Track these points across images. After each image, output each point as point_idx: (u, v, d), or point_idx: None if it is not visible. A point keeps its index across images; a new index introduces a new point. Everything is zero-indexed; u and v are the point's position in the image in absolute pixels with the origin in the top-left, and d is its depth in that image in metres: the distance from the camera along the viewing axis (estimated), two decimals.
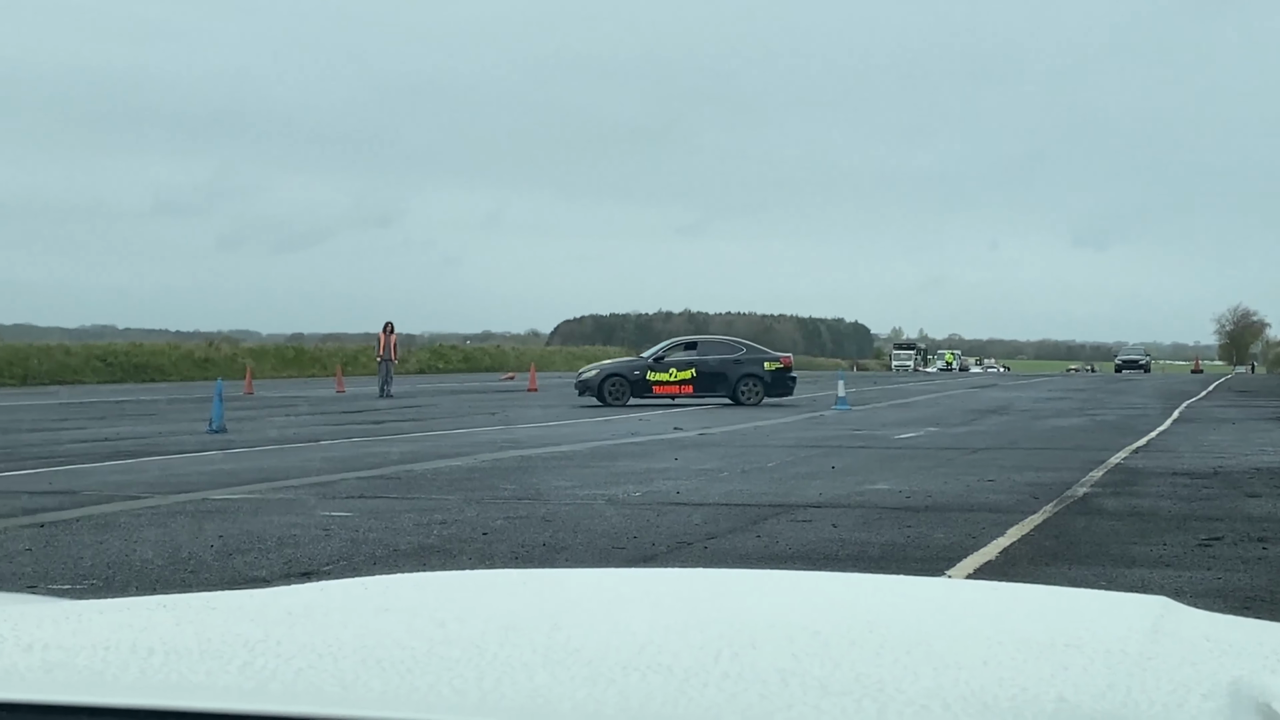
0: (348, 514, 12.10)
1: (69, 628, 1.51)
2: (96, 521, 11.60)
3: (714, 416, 28.80)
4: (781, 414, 30.04)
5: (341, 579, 2.03)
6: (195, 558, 9.80)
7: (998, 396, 42.55)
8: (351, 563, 9.58)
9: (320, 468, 16.56)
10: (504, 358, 76.16)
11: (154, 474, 15.85)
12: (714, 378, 33.44)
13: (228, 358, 59.74)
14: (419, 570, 6.52)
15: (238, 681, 1.23)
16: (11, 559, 9.72)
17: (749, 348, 34.67)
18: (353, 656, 1.31)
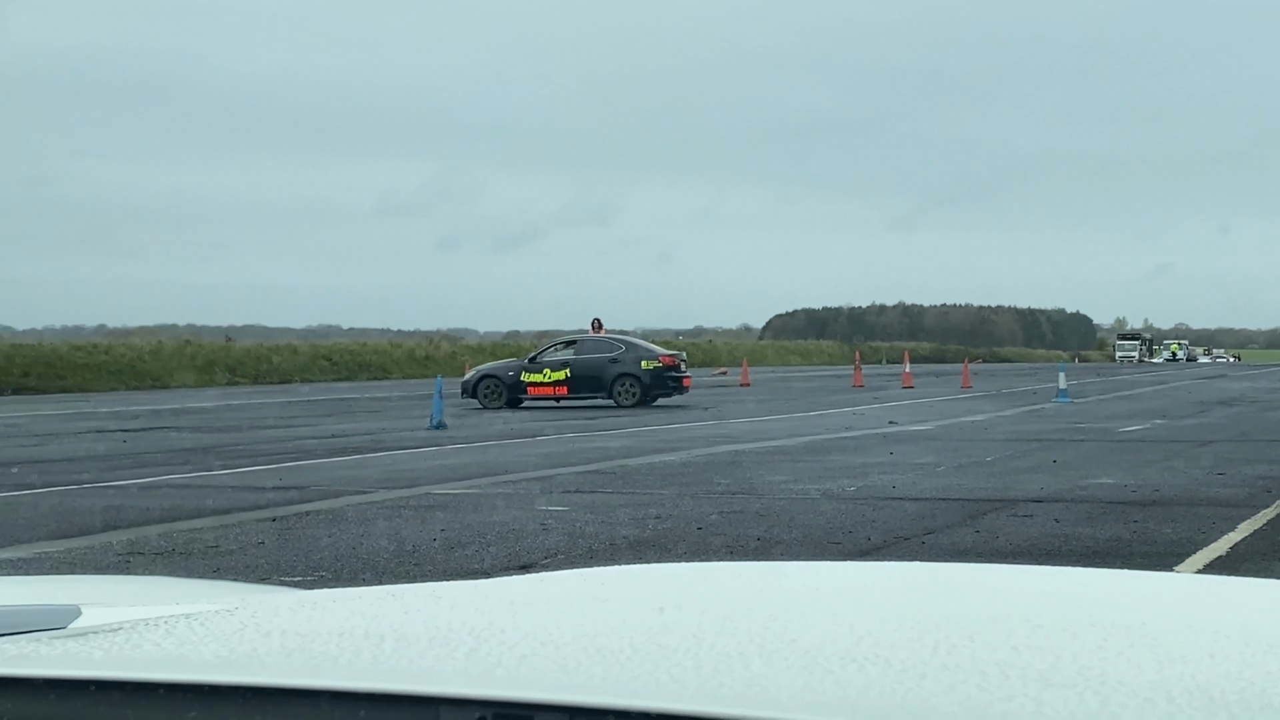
0: (565, 508, 12.28)
1: (305, 615, 1.57)
2: (326, 515, 11.98)
3: (929, 410, 28.43)
4: (999, 406, 29.50)
5: (560, 571, 2.07)
6: (420, 550, 10.06)
7: (1228, 388, 41.15)
8: (569, 556, 9.72)
9: (538, 463, 16.83)
10: (716, 353, 76.29)
11: (379, 469, 16.30)
12: (589, 378, 31.57)
13: (447, 355, 61.06)
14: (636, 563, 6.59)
15: (464, 667, 1.27)
16: (246, 551, 10.10)
17: (629, 346, 32.60)
18: (574, 644, 1.34)
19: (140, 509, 12.70)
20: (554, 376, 31.44)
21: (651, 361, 31.99)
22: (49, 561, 9.84)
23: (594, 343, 32.64)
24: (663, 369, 31.93)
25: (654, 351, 32.75)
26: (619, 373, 31.65)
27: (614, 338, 33.62)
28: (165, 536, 10.88)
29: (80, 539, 10.83)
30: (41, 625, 1.53)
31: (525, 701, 1.14)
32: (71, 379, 45.34)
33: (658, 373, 31.84)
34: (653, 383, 31.75)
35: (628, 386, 31.55)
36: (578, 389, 31.45)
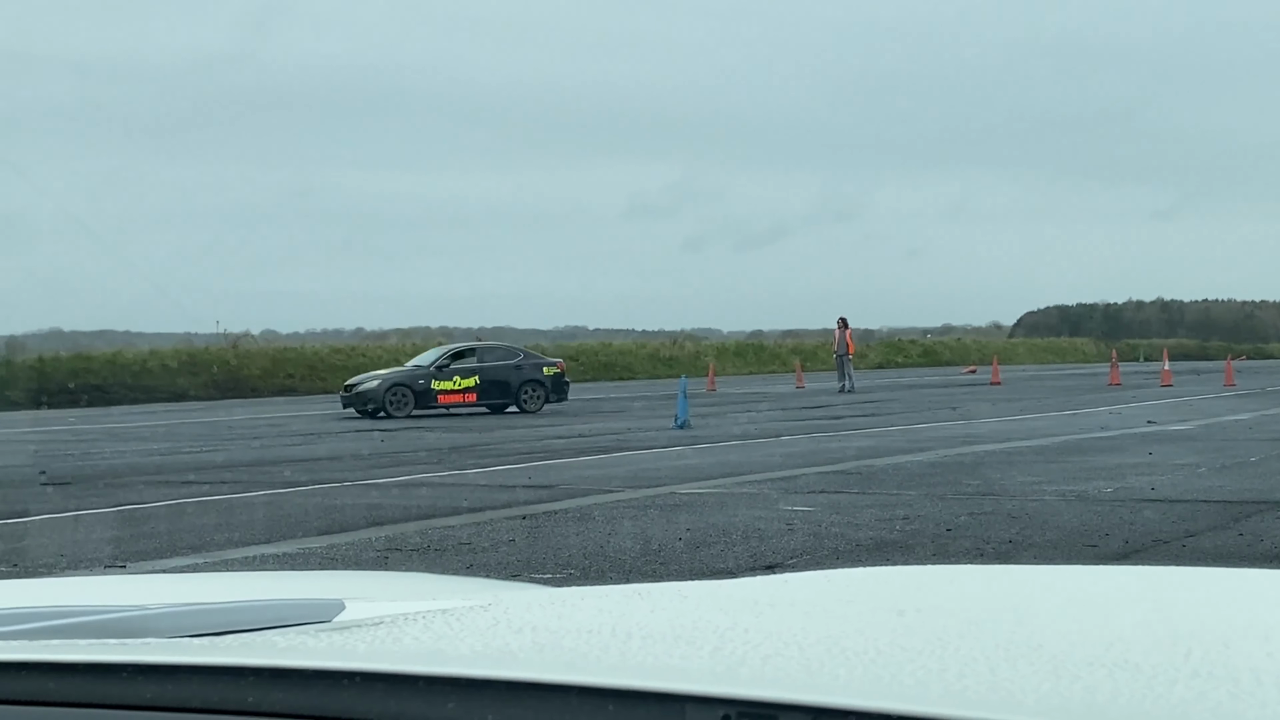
0: (809, 509, 12.24)
1: (555, 612, 1.61)
2: (574, 514, 12.19)
3: (1189, 409, 27.47)
4: (1265, 405, 28.33)
5: (804, 572, 2.08)
6: (665, 549, 10.15)
7: None
8: (814, 557, 9.69)
9: (781, 463, 16.81)
10: (965, 351, 75.04)
11: (624, 469, 16.49)
12: (498, 385, 31.51)
13: (691, 355, 61.40)
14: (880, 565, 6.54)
15: (709, 665, 1.29)
16: (498, 549, 10.34)
17: (525, 353, 32.96)
18: (817, 645, 1.35)
19: (398, 507, 13.11)
20: (464, 384, 31.36)
21: (551, 369, 32.51)
22: (313, 557, 10.23)
23: (494, 351, 32.90)
24: (560, 375, 32.59)
25: (550, 360, 33.27)
26: (524, 379, 31.90)
27: (510, 346, 34.21)
28: (422, 534, 11.21)
29: (342, 535, 11.24)
30: (308, 619, 1.60)
31: (769, 701, 1.15)
32: (332, 380, 47.01)
33: (557, 379, 32.47)
34: (553, 388, 32.27)
35: (533, 392, 31.82)
36: (486, 395, 31.50)
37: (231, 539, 11.16)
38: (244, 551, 10.51)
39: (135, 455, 20.24)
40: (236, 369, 45.45)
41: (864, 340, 69.22)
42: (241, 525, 11.97)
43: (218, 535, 11.39)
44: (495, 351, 32.88)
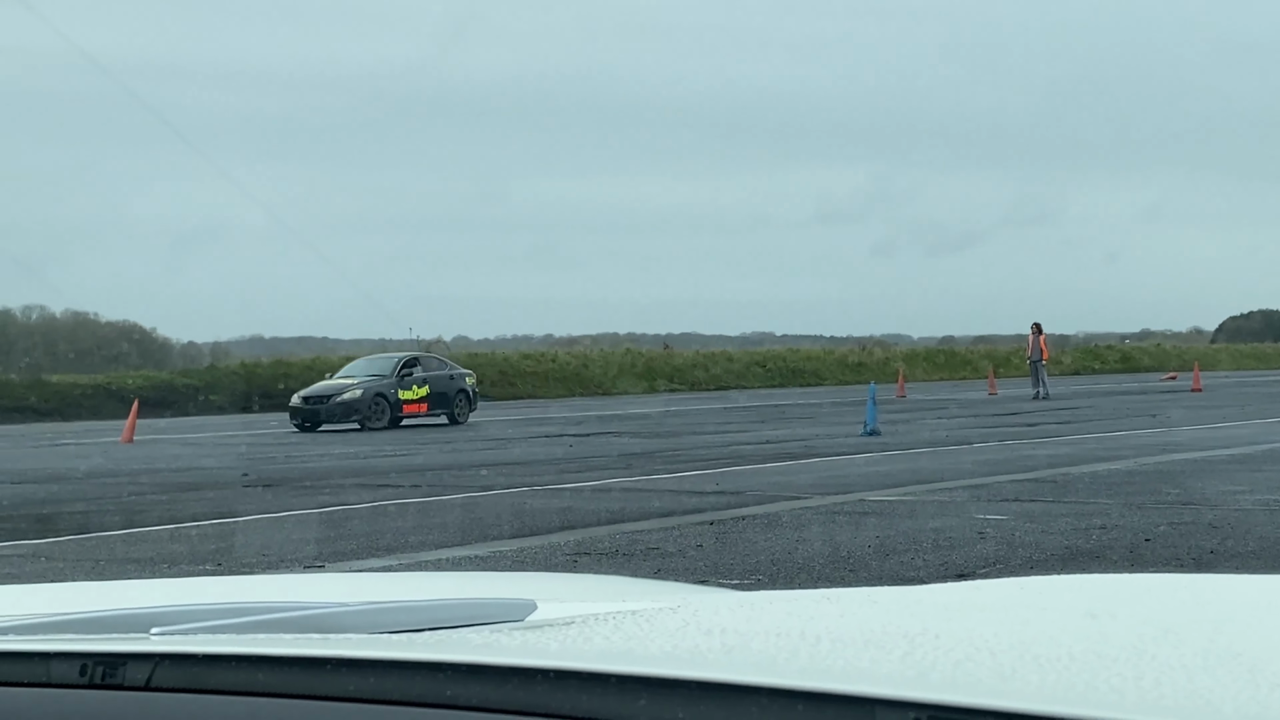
0: (1002, 517, 12.05)
1: (744, 615, 1.62)
2: (762, 520, 12.17)
3: None
4: None
5: (996, 579, 2.06)
6: (854, 556, 10.08)
7: None
8: (1007, 565, 9.54)
9: (973, 470, 16.56)
10: (1164, 357, 73.05)
11: (812, 475, 16.42)
12: (440, 395, 31.09)
13: (879, 362, 60.85)
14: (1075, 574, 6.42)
15: (899, 669, 1.29)
16: (686, 553, 10.38)
17: (450, 364, 32.56)
18: (1009, 651, 1.34)
19: (588, 511, 13.25)
20: (419, 393, 30.96)
21: (471, 379, 32.54)
22: (504, 559, 10.40)
23: (431, 362, 32.36)
24: (476, 385, 32.77)
25: (467, 370, 33.27)
26: (457, 389, 31.69)
27: (439, 356, 33.84)
28: (610, 537, 11.31)
29: (533, 538, 11.39)
30: (502, 618, 1.64)
31: (960, 706, 1.15)
32: (522, 386, 47.67)
33: (476, 390, 32.63)
34: (474, 398, 32.27)
35: (462, 403, 31.68)
36: (434, 405, 31.09)
37: (426, 541, 11.40)
38: (438, 553, 10.73)
39: (335, 459, 20.80)
40: None
41: (1059, 346, 67.79)
42: (436, 527, 12.21)
43: (413, 537, 11.64)
44: (432, 362, 32.56)
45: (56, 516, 13.87)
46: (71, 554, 11.18)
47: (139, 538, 12.07)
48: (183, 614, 1.59)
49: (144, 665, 1.37)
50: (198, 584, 3.72)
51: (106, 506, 14.68)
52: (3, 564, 10.69)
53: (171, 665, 1.37)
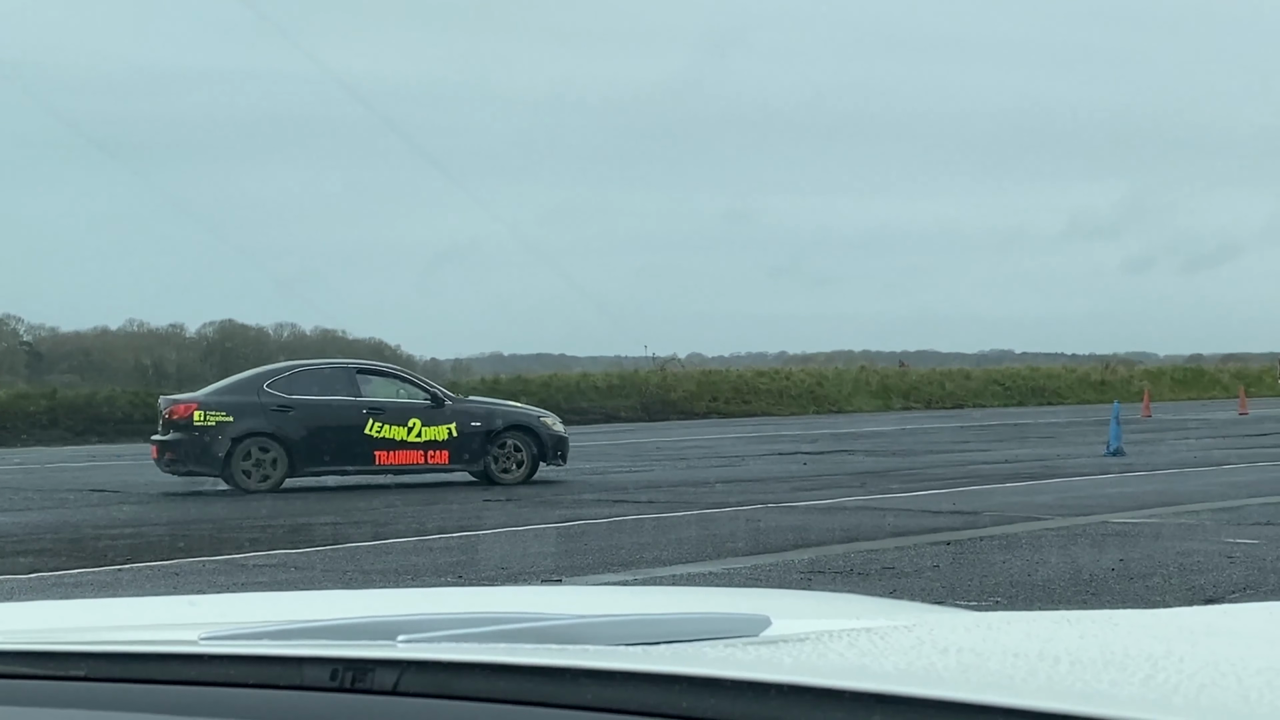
0: (1253, 541, 11.59)
1: (980, 635, 1.61)
2: (1000, 540, 11.94)
3: None
4: None
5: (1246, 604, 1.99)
6: (1095, 579, 9.82)
7: None
8: (1258, 590, 9.18)
9: (1223, 492, 15.97)
10: None
11: (1052, 496, 16.04)
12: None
13: (1123, 380, 59.11)
14: None
15: (1141, 692, 1.26)
16: (922, 573, 10.24)
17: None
18: (1257, 676, 1.30)
19: (822, 529, 13.18)
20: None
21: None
22: (737, 576, 10.41)
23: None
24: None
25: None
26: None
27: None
28: (845, 556, 11.24)
29: (766, 556, 11.38)
30: (737, 633, 1.65)
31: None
32: (755, 403, 47.68)
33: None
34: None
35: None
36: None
37: (661, 557, 11.48)
38: (672, 570, 10.80)
39: (573, 474, 21.09)
40: (664, 391, 46.70)
41: None
42: (671, 544, 12.30)
43: (649, 552, 11.74)
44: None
45: (306, 528, 14.39)
46: (319, 564, 11.58)
47: (385, 549, 12.44)
48: (428, 622, 1.64)
49: (391, 671, 1.42)
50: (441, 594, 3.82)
51: (355, 519, 15.16)
52: (257, 573, 11.14)
53: (417, 671, 1.42)
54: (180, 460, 19.04)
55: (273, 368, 20.51)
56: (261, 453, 18.93)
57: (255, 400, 19.18)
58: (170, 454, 19.08)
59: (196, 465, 19.03)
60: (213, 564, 11.70)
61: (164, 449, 19.16)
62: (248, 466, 18.86)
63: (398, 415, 19.48)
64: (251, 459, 18.88)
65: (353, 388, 19.73)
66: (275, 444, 18.99)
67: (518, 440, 19.85)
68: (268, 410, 19.09)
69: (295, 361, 20.83)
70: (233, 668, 1.50)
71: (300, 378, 19.66)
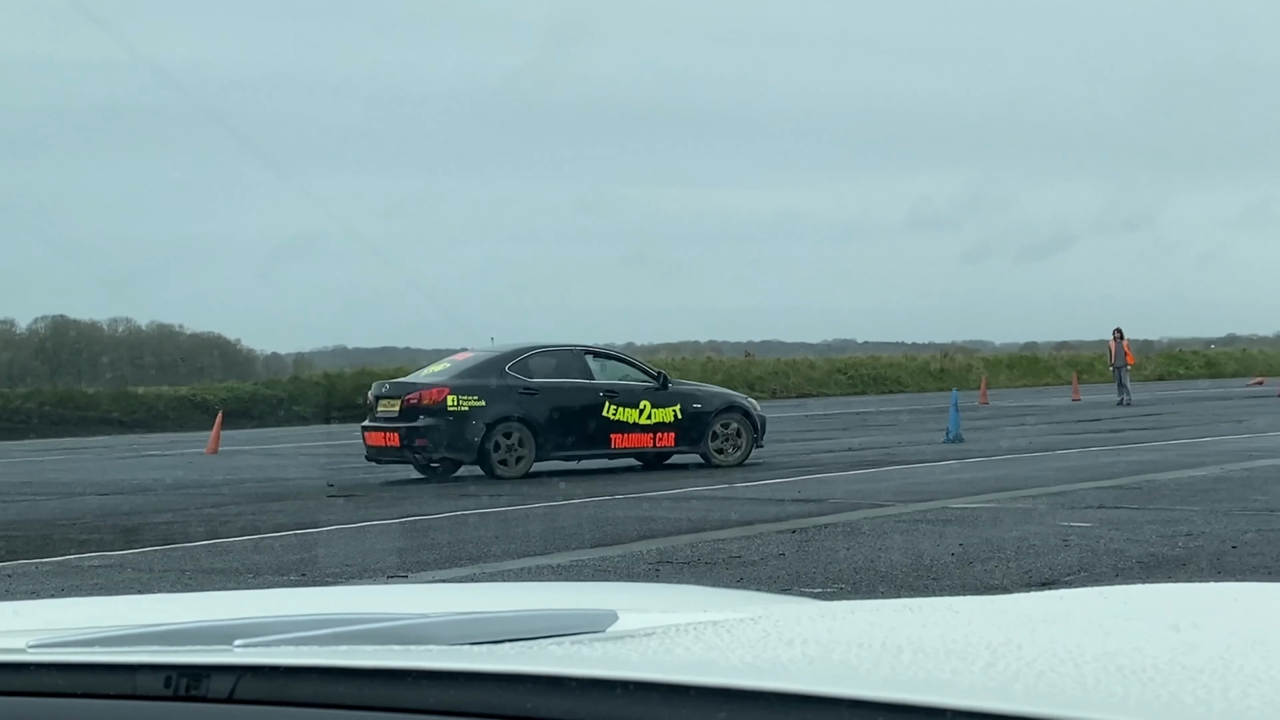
0: (1086, 524, 11.91)
1: (825, 625, 1.62)
2: (843, 529, 12.12)
3: None
4: None
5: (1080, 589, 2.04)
6: (936, 564, 10.01)
7: None
8: (1091, 573, 9.43)
9: (1056, 477, 16.39)
10: (1251, 362, 71.94)
11: (895, 483, 16.32)
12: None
13: (961, 368, 60.36)
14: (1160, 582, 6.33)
15: (981, 681, 1.28)
16: (767, 563, 10.35)
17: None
18: (1093, 662, 1.32)
19: (669, 520, 13.25)
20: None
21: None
22: (585, 568, 10.42)
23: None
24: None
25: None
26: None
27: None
28: (692, 546, 11.31)
29: (614, 548, 11.41)
30: (584, 629, 1.64)
31: (1044, 718, 1.14)
32: None
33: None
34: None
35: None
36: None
37: (508, 550, 11.45)
38: (519, 563, 10.77)
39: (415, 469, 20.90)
40: None
41: (1143, 351, 66.89)
42: (518, 537, 12.26)
43: (495, 547, 11.69)
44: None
45: (142, 528, 14.08)
46: (157, 565, 11.34)
47: (223, 548, 12.22)
48: (266, 625, 1.61)
49: (228, 677, 1.39)
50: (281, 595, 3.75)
51: (191, 517, 14.87)
52: (90, 575, 10.86)
53: (255, 677, 1.39)
54: (433, 447, 18.45)
55: (509, 349, 19.71)
56: (505, 437, 18.55)
57: (503, 384, 18.81)
58: (421, 440, 18.40)
59: (450, 452, 18.52)
60: (46, 566, 11.38)
61: (411, 435, 18.38)
62: (502, 453, 18.51)
63: (630, 398, 19.45)
64: (503, 445, 18.52)
65: (586, 371, 19.62)
66: (523, 428, 18.66)
67: (737, 422, 19.99)
68: (515, 394, 18.77)
69: (528, 343, 20.01)
70: (62, 677, 1.45)
71: (535, 360, 19.36)
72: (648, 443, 19.55)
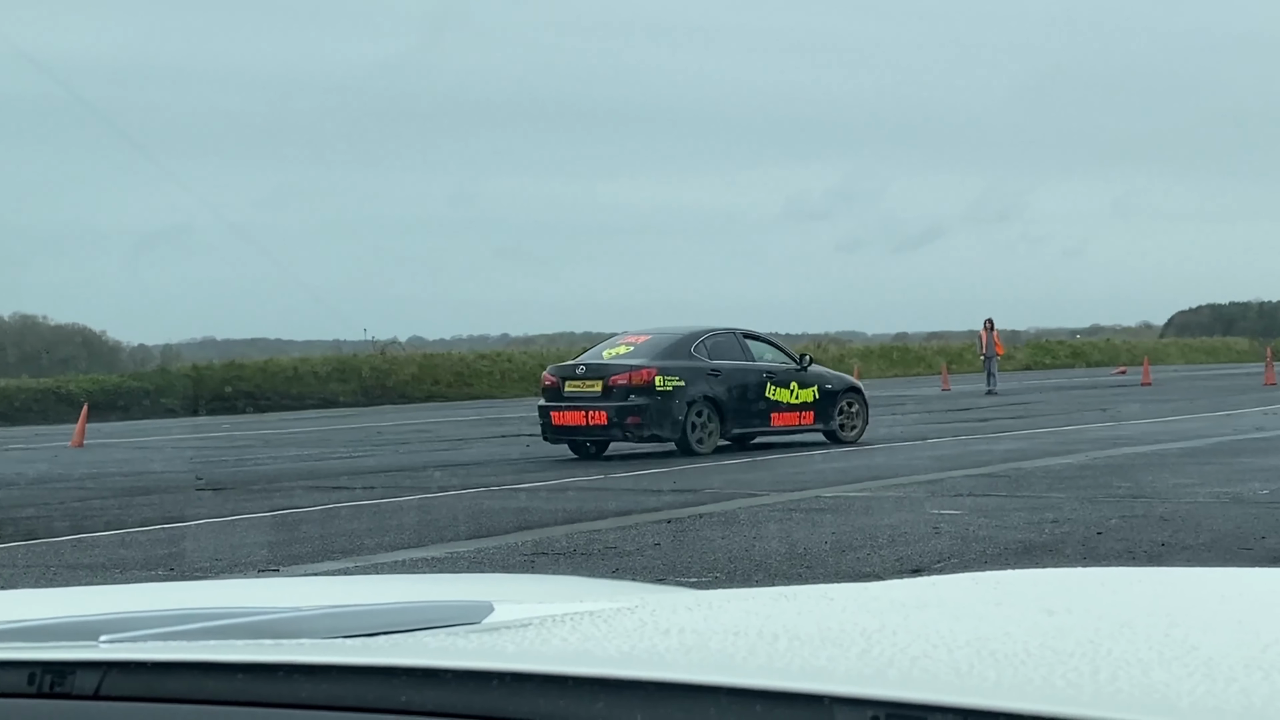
0: (956, 511, 12.11)
1: (701, 614, 1.62)
2: (719, 518, 12.19)
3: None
4: None
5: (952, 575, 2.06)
6: (811, 553, 10.11)
7: None
8: (961, 559, 9.59)
9: (928, 466, 16.64)
10: (1114, 351, 73.62)
11: (769, 472, 16.45)
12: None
13: (835, 358, 61.02)
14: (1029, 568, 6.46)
15: (857, 667, 1.29)
16: (644, 552, 10.37)
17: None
18: (966, 647, 1.34)
19: (545, 511, 13.23)
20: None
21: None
22: (461, 560, 10.36)
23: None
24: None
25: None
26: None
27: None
28: (569, 537, 11.30)
29: (490, 539, 11.36)
30: (458, 621, 1.63)
31: (918, 703, 1.15)
32: (478, 386, 47.56)
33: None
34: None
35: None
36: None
37: (382, 543, 11.35)
38: (394, 555, 10.68)
39: (288, 461, 20.69)
40: (384, 375, 46.18)
41: (1011, 341, 68.12)
42: (392, 529, 12.16)
43: (369, 539, 11.59)
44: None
45: (4, 523, 13.74)
46: (20, 560, 11.08)
47: (89, 543, 11.97)
48: (133, 621, 1.57)
49: (93, 673, 1.36)
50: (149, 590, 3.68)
51: (55, 512, 14.55)
52: None
53: (121, 673, 1.36)
54: (645, 425, 19.06)
55: (685, 332, 20.21)
56: (698, 416, 19.31)
57: (695, 365, 19.60)
58: (632, 419, 19.05)
59: (658, 429, 19.11)
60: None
61: (622, 414, 19.05)
62: (698, 432, 19.25)
63: (785, 378, 20.35)
64: (697, 423, 19.27)
65: (747, 352, 20.38)
66: (711, 407, 19.45)
67: (857, 402, 21.20)
68: (704, 374, 19.58)
69: (700, 326, 20.53)
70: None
71: (712, 342, 20.08)
72: (795, 421, 20.43)
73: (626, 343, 20.23)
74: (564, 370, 20.17)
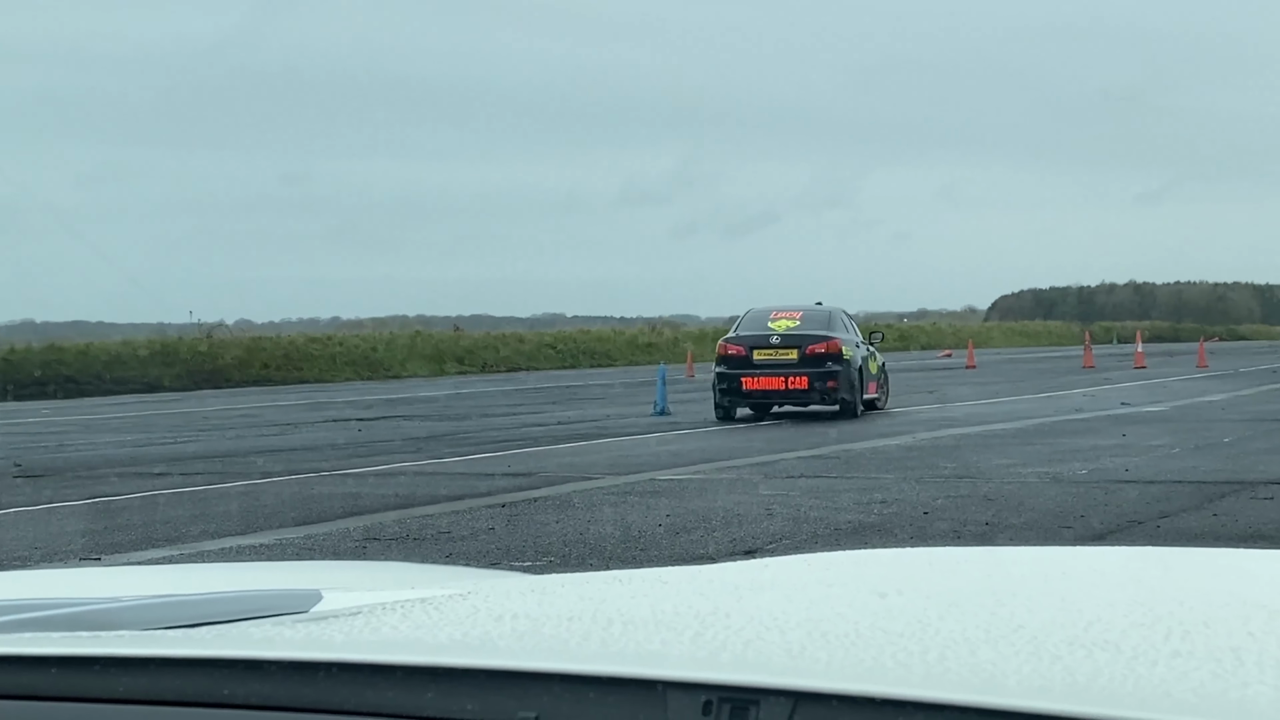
0: (789, 493, 12.26)
1: (535, 600, 1.61)
2: (554, 502, 12.18)
3: (1163, 390, 27.59)
4: (1238, 386, 28.48)
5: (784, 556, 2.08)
6: (645, 536, 10.15)
7: None
8: (793, 541, 9.71)
9: (761, 448, 16.83)
10: (940, 335, 75.26)
11: (603, 455, 16.49)
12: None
13: (669, 342, 61.40)
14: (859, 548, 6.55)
15: (690, 651, 1.28)
16: (477, 537, 10.32)
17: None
18: (798, 629, 1.35)
19: (376, 496, 13.09)
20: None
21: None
22: (290, 547, 10.20)
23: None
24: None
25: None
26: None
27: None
28: (400, 523, 11.19)
29: (320, 525, 11.21)
30: (285, 609, 1.59)
31: (751, 685, 1.15)
32: (308, 370, 46.89)
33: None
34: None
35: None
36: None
37: (207, 530, 11.13)
38: (220, 543, 10.48)
39: (109, 447, 20.17)
40: (210, 359, 45.27)
41: None
42: (217, 516, 11.93)
43: (193, 527, 11.35)
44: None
45: None
46: None
47: None
48: None
49: None
50: None
51: None
52: None
53: None
54: (839, 389, 21.32)
55: (826, 310, 22.74)
56: (862, 382, 21.97)
57: (855, 338, 22.52)
58: (831, 383, 21.27)
59: (847, 393, 21.43)
60: None
61: (823, 378, 21.22)
62: (861, 396, 21.94)
63: (870, 353, 22.99)
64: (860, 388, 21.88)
65: (852, 329, 23.06)
66: (861, 375, 22.04)
67: (888, 376, 24.24)
68: (856, 345, 22.32)
69: (831, 305, 23.27)
70: None
71: (846, 318, 23.05)
72: (874, 390, 22.84)
73: (789, 316, 22.26)
74: (754, 340, 21.90)
